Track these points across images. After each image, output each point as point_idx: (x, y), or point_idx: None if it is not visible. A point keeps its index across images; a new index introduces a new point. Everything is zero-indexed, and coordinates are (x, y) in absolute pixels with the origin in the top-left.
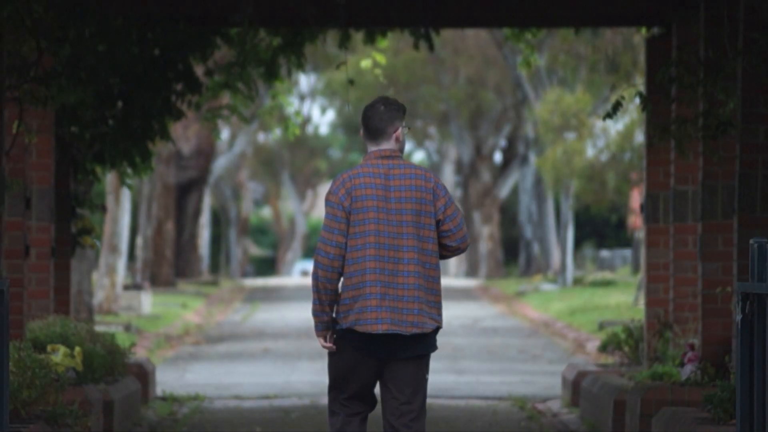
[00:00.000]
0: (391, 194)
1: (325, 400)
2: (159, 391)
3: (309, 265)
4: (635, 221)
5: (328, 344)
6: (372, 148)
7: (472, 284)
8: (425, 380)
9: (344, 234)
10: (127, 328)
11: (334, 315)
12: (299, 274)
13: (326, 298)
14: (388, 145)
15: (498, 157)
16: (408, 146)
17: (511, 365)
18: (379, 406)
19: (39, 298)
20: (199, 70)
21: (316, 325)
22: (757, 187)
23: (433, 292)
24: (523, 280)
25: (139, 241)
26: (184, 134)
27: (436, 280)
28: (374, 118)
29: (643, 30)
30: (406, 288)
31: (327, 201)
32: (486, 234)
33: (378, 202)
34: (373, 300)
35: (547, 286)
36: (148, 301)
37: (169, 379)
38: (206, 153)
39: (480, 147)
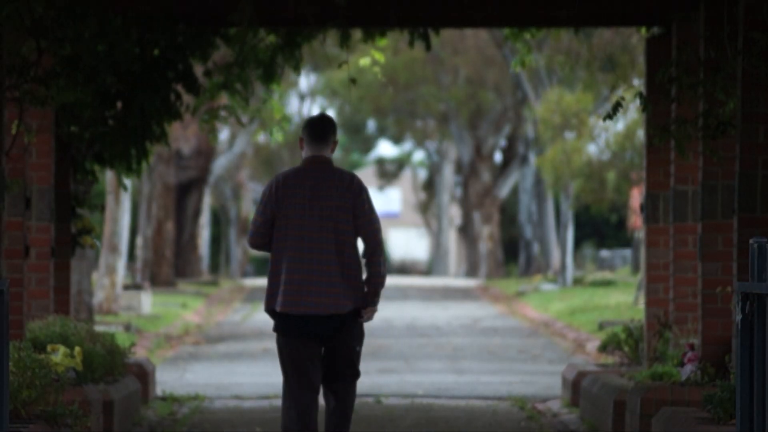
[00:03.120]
0: (316, 193)
1: (323, 401)
2: (159, 391)
3: None
4: (635, 221)
5: None
6: (310, 153)
7: (471, 284)
8: (357, 353)
9: (257, 224)
10: (127, 328)
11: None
12: None
13: (262, 243)
14: (325, 153)
15: (498, 157)
16: (408, 146)
17: (511, 365)
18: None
19: (39, 298)
20: (198, 71)
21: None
22: (757, 187)
23: (352, 278)
24: (522, 280)
25: (139, 241)
26: (184, 134)
27: (354, 268)
28: (323, 128)
29: (643, 30)
30: (325, 275)
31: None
32: (486, 234)
33: (302, 200)
34: (291, 285)
35: (547, 286)
36: (148, 301)
37: (169, 379)
38: (206, 153)
39: (480, 147)
